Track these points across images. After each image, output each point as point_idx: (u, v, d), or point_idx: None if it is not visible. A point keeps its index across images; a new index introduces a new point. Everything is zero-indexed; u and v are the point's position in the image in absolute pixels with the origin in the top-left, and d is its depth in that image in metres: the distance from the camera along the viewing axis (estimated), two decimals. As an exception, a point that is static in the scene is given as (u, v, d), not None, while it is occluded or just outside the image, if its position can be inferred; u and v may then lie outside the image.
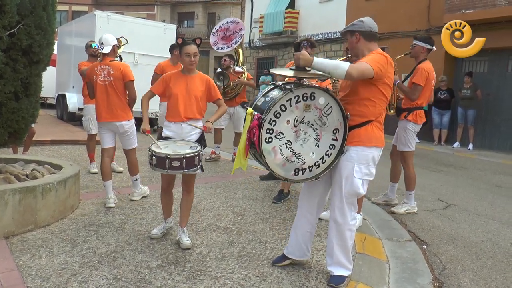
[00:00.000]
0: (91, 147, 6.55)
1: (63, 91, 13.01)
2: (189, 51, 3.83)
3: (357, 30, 3.26)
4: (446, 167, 8.79)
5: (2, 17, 3.90)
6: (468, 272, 3.82)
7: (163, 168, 3.57)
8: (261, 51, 21.33)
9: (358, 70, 3.01)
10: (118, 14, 12.39)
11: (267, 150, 3.05)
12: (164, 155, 3.52)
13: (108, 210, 4.71)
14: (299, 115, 3.09)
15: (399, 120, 5.33)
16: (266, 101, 3.12)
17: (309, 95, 3.07)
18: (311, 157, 3.18)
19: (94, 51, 6.14)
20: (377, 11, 14.54)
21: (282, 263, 3.54)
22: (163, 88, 3.96)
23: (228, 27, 8.23)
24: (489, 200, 6.30)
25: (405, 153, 5.30)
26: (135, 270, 3.33)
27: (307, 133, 3.14)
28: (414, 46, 5.27)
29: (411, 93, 5.15)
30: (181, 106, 3.86)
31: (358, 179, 3.19)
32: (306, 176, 3.22)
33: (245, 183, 6.27)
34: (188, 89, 3.89)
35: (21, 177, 4.49)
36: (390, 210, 5.34)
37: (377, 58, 3.12)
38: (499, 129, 11.76)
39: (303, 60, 3.07)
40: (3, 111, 4.24)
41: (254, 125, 3.00)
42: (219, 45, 8.23)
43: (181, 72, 3.98)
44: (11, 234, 3.86)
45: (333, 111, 3.15)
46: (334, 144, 3.21)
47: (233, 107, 7.55)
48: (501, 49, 11.49)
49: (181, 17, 37.10)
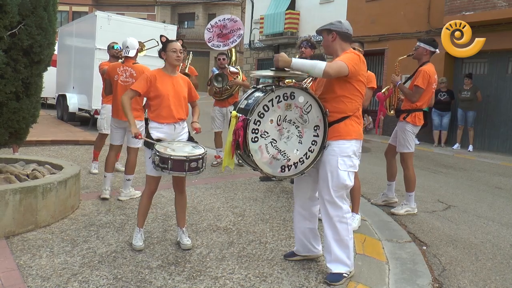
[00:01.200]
0: (99, 145, 6.57)
1: (63, 92, 13.02)
2: (175, 46, 3.86)
3: (335, 29, 3.40)
4: (446, 168, 8.80)
5: (3, 17, 3.91)
6: (468, 273, 3.83)
7: (181, 171, 3.52)
8: (262, 52, 21.35)
9: (334, 69, 3.18)
10: (118, 15, 12.41)
11: (254, 149, 3.17)
12: (184, 157, 3.49)
13: (108, 211, 4.72)
14: (282, 114, 3.24)
15: (398, 121, 5.34)
16: (249, 103, 3.25)
17: (289, 94, 3.23)
18: (296, 154, 3.32)
19: (116, 53, 6.18)
20: (377, 13, 14.60)
21: (292, 258, 3.68)
22: (148, 87, 3.82)
23: (225, 24, 8.16)
24: (489, 201, 6.31)
25: (404, 154, 5.30)
26: (136, 270, 3.33)
27: (290, 131, 3.29)
28: (417, 48, 5.26)
29: (412, 95, 5.16)
30: (173, 107, 3.86)
31: (344, 171, 3.31)
32: (292, 172, 3.36)
33: (245, 184, 6.27)
34: (176, 89, 3.90)
35: (22, 177, 4.50)
36: (390, 211, 5.35)
37: (350, 56, 3.30)
38: (498, 130, 11.77)
39: (282, 61, 3.21)
40: (4, 111, 4.25)
41: (239, 127, 3.13)
42: (215, 42, 8.19)
43: (164, 71, 3.93)
44: (11, 234, 3.87)
45: (312, 108, 3.31)
46: (316, 140, 3.36)
47: (226, 107, 7.51)
48: (501, 51, 11.50)
49: (182, 18, 37.13)
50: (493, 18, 10.99)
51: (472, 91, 11.44)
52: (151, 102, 3.88)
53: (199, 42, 31.18)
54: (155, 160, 3.51)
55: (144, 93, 3.86)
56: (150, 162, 3.71)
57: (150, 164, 3.71)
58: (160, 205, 4.97)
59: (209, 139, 10.47)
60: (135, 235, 3.80)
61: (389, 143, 5.58)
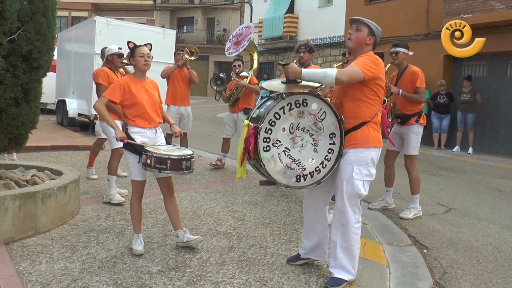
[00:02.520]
0: (96, 150, 6.57)
1: (63, 97, 13.02)
2: (143, 51, 3.85)
3: (375, 36, 3.32)
4: (446, 171, 8.79)
5: (2, 23, 3.91)
6: (469, 276, 3.82)
7: (179, 170, 3.58)
8: (261, 56, 21.28)
9: (347, 75, 3.07)
10: (118, 20, 12.44)
11: (267, 158, 3.09)
12: (181, 157, 3.55)
13: (108, 216, 4.71)
14: (294, 122, 3.14)
15: (407, 125, 5.34)
16: (260, 112, 3.20)
17: (301, 101, 3.14)
18: (311, 163, 3.21)
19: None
20: (376, 16, 14.58)
21: (296, 262, 3.65)
22: (122, 96, 3.78)
23: (242, 32, 8.18)
24: (489, 204, 6.30)
25: (413, 157, 5.38)
26: (136, 275, 3.32)
27: (304, 139, 3.18)
28: (397, 53, 5.32)
29: (420, 97, 5.27)
30: (152, 113, 3.89)
31: (359, 181, 3.22)
32: (308, 182, 3.25)
33: (245, 188, 6.26)
34: (149, 94, 3.92)
35: (21, 183, 4.49)
36: (399, 216, 5.35)
37: (366, 60, 3.17)
38: (498, 133, 11.77)
39: (292, 72, 3.14)
40: (3, 117, 4.24)
41: (250, 134, 3.06)
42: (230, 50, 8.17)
43: (135, 77, 3.92)
44: (11, 240, 3.85)
45: (327, 115, 3.21)
46: (332, 148, 3.25)
47: (236, 113, 7.40)
48: (500, 53, 11.51)
49: (181, 22, 37.19)
50: (491, 21, 11.00)
51: (471, 93, 11.44)
52: (127, 110, 3.85)
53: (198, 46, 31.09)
54: (151, 162, 3.50)
55: (119, 102, 3.82)
56: (136, 167, 3.73)
57: (137, 169, 3.73)
58: (160, 210, 4.96)
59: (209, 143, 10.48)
60: (135, 240, 3.79)
61: (390, 150, 5.56)
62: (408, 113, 5.31)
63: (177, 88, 7.38)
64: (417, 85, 5.19)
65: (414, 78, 5.21)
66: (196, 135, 12.03)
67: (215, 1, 35.75)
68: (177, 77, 7.37)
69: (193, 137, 11.20)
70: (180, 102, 7.44)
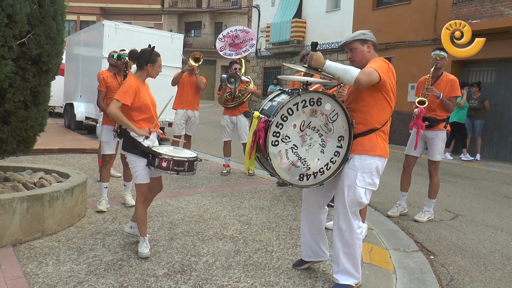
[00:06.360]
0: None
1: (70, 100, 13.10)
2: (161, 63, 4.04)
3: (370, 39, 3.29)
4: (453, 177, 8.74)
5: (13, 27, 3.95)
6: (476, 283, 3.79)
7: (192, 171, 3.75)
8: (268, 60, 21.41)
9: (367, 75, 3.01)
10: (126, 24, 12.50)
11: (273, 153, 3.06)
12: (194, 158, 3.74)
13: (114, 219, 4.73)
14: (306, 120, 3.10)
15: (434, 130, 5.34)
16: (273, 105, 3.14)
17: (315, 100, 3.10)
18: (316, 163, 3.19)
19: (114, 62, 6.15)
20: (384, 21, 14.61)
21: (301, 267, 3.65)
22: (133, 98, 3.81)
23: (237, 34, 8.25)
24: (497, 211, 6.25)
25: (438, 162, 5.44)
26: (141, 278, 3.33)
27: (313, 138, 3.16)
28: (442, 58, 5.35)
29: (453, 105, 5.36)
30: (155, 116, 4.01)
31: (361, 188, 3.18)
32: (310, 182, 3.23)
33: (251, 192, 6.26)
34: (150, 97, 4.03)
35: (29, 185, 4.52)
36: (414, 219, 5.39)
37: (380, 64, 3.13)
38: (506, 139, 11.69)
39: (315, 60, 3.10)
40: (12, 119, 4.28)
41: (260, 128, 3.01)
42: (227, 51, 8.25)
43: (140, 80, 3.96)
44: (18, 241, 3.88)
45: (338, 117, 3.18)
46: (339, 151, 3.23)
47: (236, 116, 7.53)
48: (508, 59, 11.46)
49: (188, 27, 37.38)
50: (500, 26, 10.97)
51: (479, 100, 11.37)
52: (134, 112, 3.87)
53: (206, 50, 31.40)
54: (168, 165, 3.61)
55: (130, 105, 3.84)
56: (143, 170, 3.77)
57: (143, 172, 3.77)
58: (167, 213, 4.97)
59: (215, 147, 10.49)
60: (141, 244, 3.80)
61: (410, 155, 5.54)
62: (438, 118, 5.33)
63: (185, 93, 7.43)
64: (456, 93, 5.28)
65: (454, 86, 5.28)
66: (203, 139, 12.06)
67: (223, 6, 35.90)
68: (186, 82, 7.43)
69: (199, 140, 11.25)
70: (188, 106, 7.48)
